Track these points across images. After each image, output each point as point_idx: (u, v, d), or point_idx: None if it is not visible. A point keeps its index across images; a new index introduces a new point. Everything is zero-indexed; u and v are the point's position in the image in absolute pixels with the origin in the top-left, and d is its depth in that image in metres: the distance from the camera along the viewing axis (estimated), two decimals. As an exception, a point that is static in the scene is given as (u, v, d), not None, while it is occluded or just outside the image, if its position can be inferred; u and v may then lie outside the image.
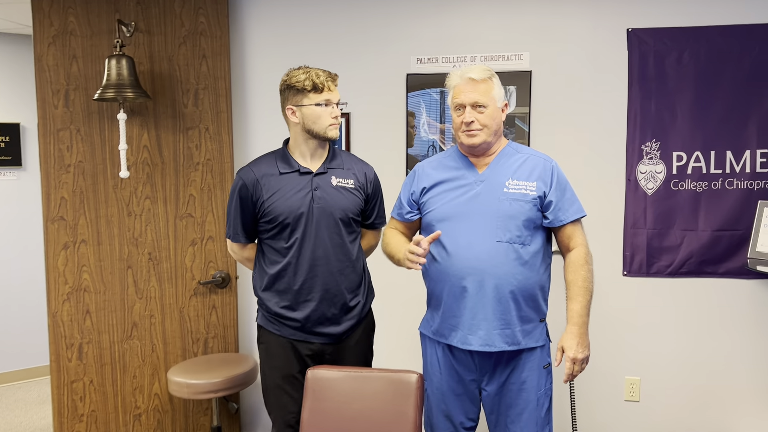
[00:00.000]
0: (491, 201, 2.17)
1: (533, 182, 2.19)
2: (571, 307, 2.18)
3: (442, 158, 2.35)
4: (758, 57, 2.94)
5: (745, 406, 3.11)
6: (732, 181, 3.01)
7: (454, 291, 2.18)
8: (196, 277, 3.28)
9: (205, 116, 3.23)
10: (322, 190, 2.32)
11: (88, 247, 3.21)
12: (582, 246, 2.21)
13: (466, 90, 2.17)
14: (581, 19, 3.09)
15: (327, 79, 2.27)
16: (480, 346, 2.16)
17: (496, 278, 2.13)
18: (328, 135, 2.31)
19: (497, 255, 2.13)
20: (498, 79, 2.22)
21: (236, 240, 2.44)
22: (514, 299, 2.15)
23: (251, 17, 3.34)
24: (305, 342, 2.36)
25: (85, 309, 3.23)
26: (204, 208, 3.26)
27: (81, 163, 3.18)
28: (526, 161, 2.23)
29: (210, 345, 3.32)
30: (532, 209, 2.16)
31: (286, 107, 2.32)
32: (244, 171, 2.37)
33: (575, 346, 2.15)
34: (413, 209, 2.33)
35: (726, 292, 3.08)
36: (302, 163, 2.35)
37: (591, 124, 3.12)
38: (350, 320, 2.38)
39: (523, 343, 2.18)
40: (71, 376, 3.24)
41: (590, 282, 2.19)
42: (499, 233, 2.14)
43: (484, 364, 2.22)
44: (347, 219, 2.35)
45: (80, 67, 3.15)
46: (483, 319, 2.15)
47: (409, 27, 3.23)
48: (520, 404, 2.21)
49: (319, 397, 2.17)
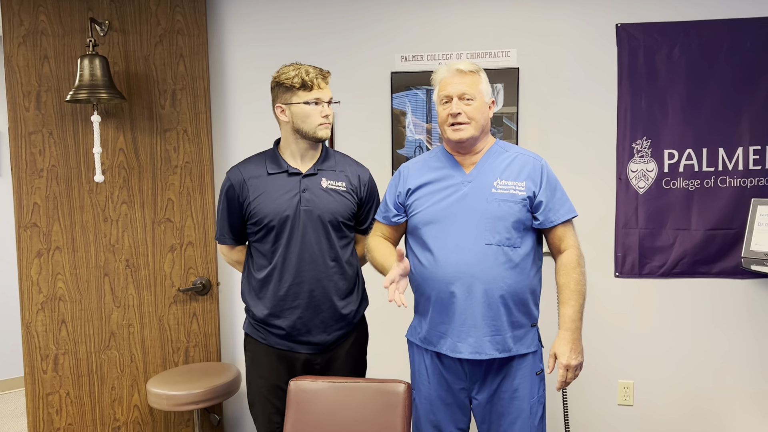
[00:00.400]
0: (479, 202, 2.08)
1: (522, 182, 2.10)
2: (563, 312, 2.09)
3: (427, 158, 2.25)
4: (749, 52, 2.88)
5: (740, 408, 3.05)
6: (725, 179, 2.95)
7: (441, 297, 2.08)
8: (175, 284, 3.17)
9: (183, 117, 3.12)
10: (310, 192, 2.22)
11: (62, 254, 3.09)
12: (574, 248, 2.13)
13: (453, 81, 2.08)
14: (569, 14, 3.01)
15: (317, 76, 2.17)
16: (470, 354, 2.06)
17: (486, 283, 2.04)
18: (318, 135, 2.21)
19: (486, 258, 2.04)
20: (485, 75, 2.14)
21: (223, 242, 2.36)
22: (504, 304, 2.06)
23: (230, 15, 3.24)
24: (291, 351, 2.26)
25: (61, 318, 3.11)
26: (183, 212, 3.15)
27: (54, 168, 3.06)
28: (515, 160, 2.15)
29: (191, 354, 3.21)
30: (522, 210, 2.08)
31: (275, 105, 2.23)
32: (233, 171, 2.29)
33: (568, 353, 2.06)
34: (400, 212, 2.22)
35: (720, 293, 3.01)
36: (292, 164, 2.25)
37: (580, 122, 3.04)
38: (340, 329, 2.28)
39: (515, 349, 2.09)
40: (47, 388, 3.12)
41: (583, 285, 2.10)
42: (488, 235, 2.05)
43: (475, 372, 2.13)
44: (337, 222, 2.24)
45: (52, 68, 3.04)
46: (472, 326, 2.05)
47: (393, 24, 3.14)
48: (513, 413, 2.12)
49: (303, 410, 2.07)
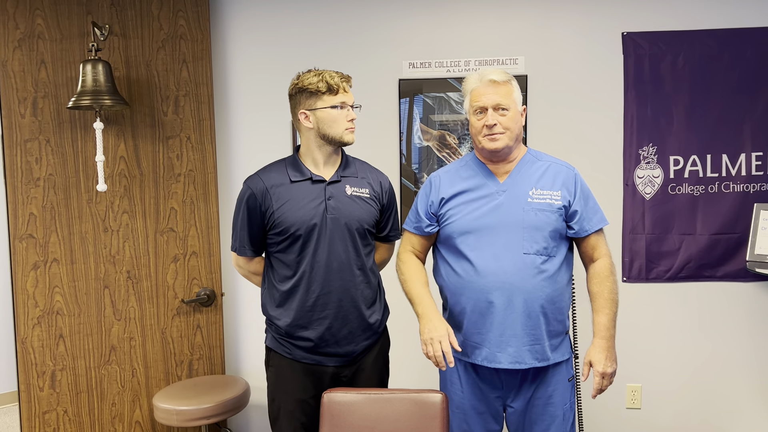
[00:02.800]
0: (515, 212, 2.07)
1: (557, 191, 2.10)
2: (597, 320, 2.11)
3: (458, 167, 2.23)
4: (751, 60, 2.96)
5: (746, 409, 3.11)
6: (728, 184, 3.01)
7: (479, 306, 2.06)
8: (178, 295, 3.08)
9: (186, 124, 3.04)
10: (336, 200, 2.17)
11: (60, 266, 2.97)
12: (606, 256, 2.14)
13: (487, 92, 2.07)
14: (576, 23, 3.04)
15: (341, 80, 2.14)
16: (510, 364, 2.06)
17: (525, 292, 2.03)
18: (345, 139, 2.16)
19: (525, 268, 2.04)
20: (516, 82, 2.13)
21: (242, 253, 2.27)
22: (543, 314, 2.06)
23: (234, 20, 3.17)
24: (319, 365, 2.20)
25: (58, 333, 2.99)
26: (186, 221, 3.07)
27: (51, 176, 2.95)
28: (548, 169, 2.15)
29: (195, 367, 3.12)
30: (558, 219, 2.08)
31: (298, 112, 2.17)
32: (253, 179, 2.22)
33: (604, 360, 2.07)
34: (432, 222, 2.20)
35: (725, 296, 3.07)
36: (314, 171, 2.20)
37: (588, 129, 3.07)
38: (368, 339, 2.24)
39: (552, 358, 2.10)
40: (43, 406, 2.99)
41: (616, 294, 2.12)
42: (526, 245, 2.05)
43: (510, 381, 2.12)
44: (363, 230, 2.21)
45: (49, 73, 2.92)
46: (512, 336, 2.05)
47: (401, 30, 3.12)
48: (546, 419, 2.12)
49: (338, 423, 2.03)
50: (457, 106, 3.10)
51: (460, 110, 3.10)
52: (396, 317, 2.56)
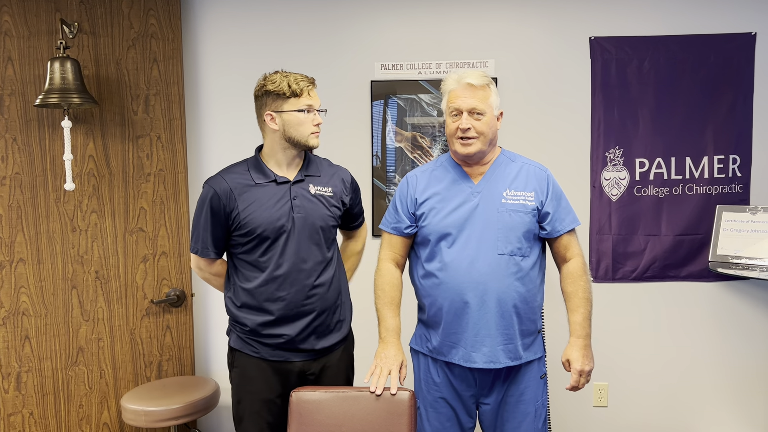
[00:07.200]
0: (490, 213, 2.10)
1: (530, 192, 2.13)
2: (573, 320, 2.15)
3: (434, 168, 2.24)
4: (713, 66, 3.03)
5: (710, 406, 3.18)
6: (692, 186, 3.08)
7: (455, 307, 2.09)
8: (148, 295, 3.06)
9: (156, 124, 3.02)
10: (300, 199, 2.18)
11: (26, 266, 2.93)
12: (579, 256, 2.18)
13: (463, 95, 2.07)
14: (545, 27, 3.09)
15: (307, 84, 2.14)
16: (484, 363, 2.08)
17: (499, 292, 2.06)
18: (310, 143, 2.17)
19: (499, 268, 2.06)
20: (495, 86, 2.15)
21: (205, 255, 2.23)
22: (516, 313, 2.09)
23: (205, 20, 3.16)
24: (286, 362, 2.21)
25: (24, 334, 2.95)
26: (156, 221, 3.04)
27: (18, 175, 2.91)
28: (522, 170, 2.17)
29: (164, 368, 3.10)
30: (532, 220, 2.11)
31: (264, 113, 2.16)
32: (215, 180, 2.20)
33: (581, 359, 2.11)
34: (412, 222, 2.20)
35: (688, 296, 3.14)
36: (278, 173, 2.20)
37: (556, 132, 3.12)
38: (337, 334, 2.26)
39: (524, 356, 2.13)
40: (8, 408, 2.95)
41: (590, 293, 2.17)
42: (500, 245, 2.07)
43: (484, 379, 2.15)
44: (327, 228, 2.22)
45: (16, 71, 2.89)
46: (486, 335, 2.07)
47: (373, 32, 3.14)
48: (519, 416, 2.15)
49: (306, 422, 2.03)
50: (428, 108, 3.12)
51: (431, 112, 3.12)
52: (361, 315, 2.56)
